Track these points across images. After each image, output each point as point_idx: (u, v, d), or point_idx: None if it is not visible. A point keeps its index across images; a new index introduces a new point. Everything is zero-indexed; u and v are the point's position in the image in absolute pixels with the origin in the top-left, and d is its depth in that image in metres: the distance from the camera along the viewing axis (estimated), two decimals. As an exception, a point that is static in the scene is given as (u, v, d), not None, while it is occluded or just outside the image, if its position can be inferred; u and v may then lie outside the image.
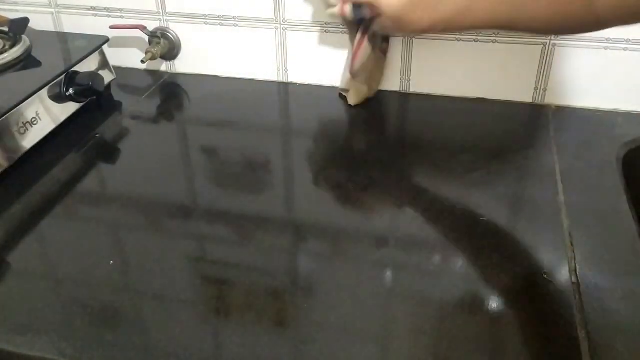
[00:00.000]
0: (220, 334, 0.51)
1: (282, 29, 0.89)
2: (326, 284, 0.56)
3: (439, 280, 0.56)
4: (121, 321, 0.52)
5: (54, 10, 0.97)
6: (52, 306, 0.54)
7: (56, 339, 0.50)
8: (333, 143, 0.79)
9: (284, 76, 0.93)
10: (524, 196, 0.67)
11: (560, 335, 0.50)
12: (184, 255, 0.59)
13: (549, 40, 0.81)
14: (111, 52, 0.92)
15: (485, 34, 0.82)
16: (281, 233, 0.62)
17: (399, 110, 0.88)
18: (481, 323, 0.51)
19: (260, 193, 0.69)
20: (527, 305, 0.53)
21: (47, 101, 0.77)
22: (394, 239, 0.61)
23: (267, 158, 0.75)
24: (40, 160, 0.74)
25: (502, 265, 0.57)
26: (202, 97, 0.92)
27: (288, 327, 0.51)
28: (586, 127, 0.80)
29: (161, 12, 0.92)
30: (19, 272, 0.58)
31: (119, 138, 0.80)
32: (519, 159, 0.74)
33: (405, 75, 0.88)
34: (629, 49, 0.79)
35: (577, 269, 0.57)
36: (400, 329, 0.51)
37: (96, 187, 0.71)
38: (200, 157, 0.76)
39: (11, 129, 0.71)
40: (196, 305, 0.54)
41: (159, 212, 0.65)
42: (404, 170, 0.73)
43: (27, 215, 0.65)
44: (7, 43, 0.82)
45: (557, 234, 0.61)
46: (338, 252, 0.60)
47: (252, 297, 0.54)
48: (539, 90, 0.85)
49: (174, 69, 0.97)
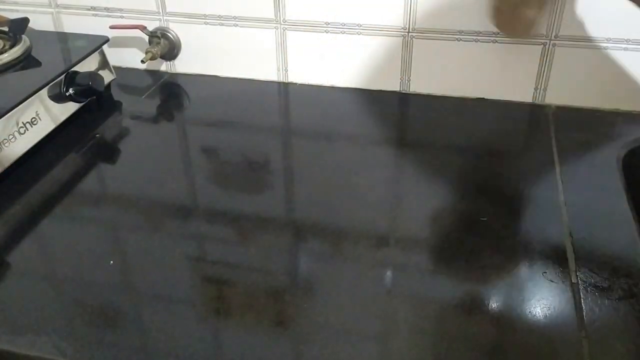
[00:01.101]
0: (220, 334, 0.51)
1: (282, 29, 0.89)
2: (326, 284, 0.56)
3: (439, 280, 0.56)
4: (121, 321, 0.52)
5: (54, 10, 0.96)
6: (52, 306, 0.54)
7: (56, 339, 0.50)
8: (334, 143, 0.79)
9: (284, 76, 0.93)
10: (524, 196, 0.67)
11: (560, 335, 0.50)
12: (184, 255, 0.59)
13: (549, 40, 0.81)
14: (111, 52, 0.92)
15: (485, 34, 0.82)
16: (281, 233, 0.62)
17: (399, 110, 0.88)
18: (481, 323, 0.51)
19: (260, 193, 0.69)
20: (527, 305, 0.53)
21: (47, 101, 0.77)
22: (394, 239, 0.61)
23: (267, 158, 0.75)
24: (40, 160, 0.74)
25: (502, 265, 0.57)
26: (202, 97, 0.92)
27: (288, 327, 0.51)
28: (586, 127, 0.80)
29: (161, 12, 0.92)
30: (19, 272, 0.58)
31: (119, 138, 0.80)
32: (519, 159, 0.74)
33: (405, 75, 0.88)
34: (629, 49, 0.79)
35: (577, 269, 0.57)
36: (400, 329, 0.51)
37: (96, 187, 0.71)
38: (200, 157, 0.76)
39: (11, 129, 0.71)
40: (196, 305, 0.54)
41: (159, 212, 0.65)
42: (403, 170, 0.73)
43: (27, 215, 0.65)
44: (7, 43, 0.82)
45: (557, 234, 0.61)
46: (338, 252, 0.60)
47: (252, 297, 0.54)
48: (539, 90, 0.85)
49: (174, 69, 0.97)
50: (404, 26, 0.85)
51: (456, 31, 0.83)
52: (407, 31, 0.85)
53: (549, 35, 0.80)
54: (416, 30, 0.85)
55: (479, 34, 0.83)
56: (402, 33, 0.85)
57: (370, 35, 0.87)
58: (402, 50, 0.86)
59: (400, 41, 0.86)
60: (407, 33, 0.85)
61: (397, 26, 0.85)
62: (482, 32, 0.82)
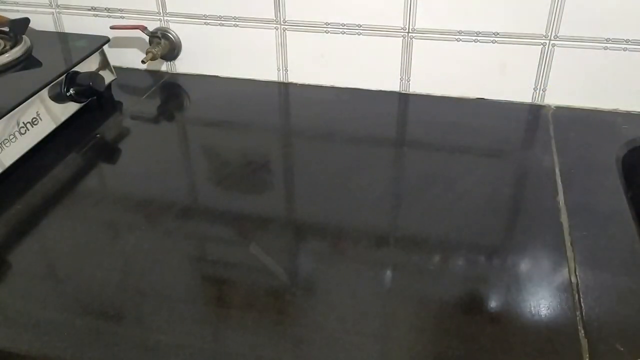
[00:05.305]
0: (221, 334, 0.51)
1: (282, 29, 0.89)
2: (326, 284, 0.56)
3: (439, 280, 0.56)
4: (121, 321, 0.52)
5: (55, 10, 0.97)
6: (52, 306, 0.54)
7: (56, 339, 0.50)
8: (334, 143, 0.79)
9: (284, 76, 0.93)
10: (524, 196, 0.67)
11: (560, 335, 0.50)
12: (184, 255, 0.60)
13: (548, 40, 0.81)
14: (112, 53, 0.92)
15: (485, 34, 0.82)
16: (281, 233, 0.62)
17: (399, 110, 0.88)
18: (481, 323, 0.51)
19: (260, 193, 0.69)
20: (527, 305, 0.53)
21: (48, 101, 0.77)
22: (394, 239, 0.61)
23: (267, 158, 0.75)
24: (40, 160, 0.74)
25: (502, 265, 0.57)
26: (202, 97, 0.92)
27: (288, 327, 0.51)
28: (586, 127, 0.80)
29: (161, 12, 0.92)
30: (19, 272, 0.58)
31: (120, 138, 0.80)
32: (518, 159, 0.74)
33: (405, 75, 0.89)
34: (629, 49, 0.79)
35: (577, 269, 0.57)
36: (400, 328, 0.51)
37: (96, 187, 0.71)
38: (200, 157, 0.76)
39: (12, 129, 0.71)
40: (196, 305, 0.54)
41: (159, 212, 0.65)
42: (404, 170, 0.73)
43: (28, 215, 0.65)
44: (7, 43, 0.82)
45: (557, 234, 0.61)
46: (338, 252, 0.60)
47: (252, 297, 0.54)
48: (538, 90, 0.85)
49: (175, 69, 0.97)
50: (403, 26, 0.85)
51: (456, 31, 0.83)
52: (407, 31, 0.85)
53: (549, 35, 0.81)
54: (416, 30, 0.85)
55: (479, 34, 0.83)
56: (402, 33, 0.85)
57: (370, 35, 0.87)
58: (402, 50, 0.86)
59: (400, 41, 0.86)
60: (407, 33, 0.85)
61: (397, 26, 0.85)
62: (482, 32, 0.82)
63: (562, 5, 0.78)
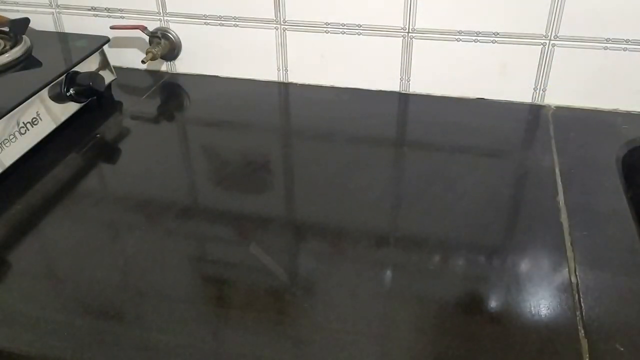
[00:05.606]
0: (220, 334, 0.51)
1: (282, 29, 0.89)
2: (326, 284, 0.56)
3: (439, 280, 0.56)
4: (121, 321, 0.52)
5: (55, 10, 0.97)
6: (52, 306, 0.54)
7: (56, 339, 0.50)
8: (334, 143, 0.79)
9: (284, 76, 0.93)
10: (524, 196, 0.67)
11: (560, 335, 0.50)
12: (184, 255, 0.60)
13: (548, 40, 0.81)
14: (112, 53, 0.92)
15: (485, 34, 0.82)
16: (281, 233, 0.62)
17: (399, 110, 0.88)
18: (481, 323, 0.51)
19: (260, 193, 0.69)
20: (527, 305, 0.53)
21: (48, 101, 0.77)
22: (394, 239, 0.61)
23: (267, 158, 0.75)
24: (40, 160, 0.74)
25: (502, 265, 0.57)
26: (202, 98, 0.92)
27: (288, 327, 0.51)
28: (586, 127, 0.80)
29: (161, 12, 0.92)
30: (19, 272, 0.58)
31: (120, 138, 0.80)
32: (519, 159, 0.74)
33: (405, 75, 0.89)
34: (629, 49, 0.79)
35: (577, 269, 0.57)
36: (400, 328, 0.51)
37: (96, 187, 0.71)
38: (200, 157, 0.76)
39: (12, 129, 0.71)
40: (196, 305, 0.54)
41: (159, 212, 0.65)
42: (404, 170, 0.73)
43: (27, 215, 0.65)
44: (7, 43, 0.82)
45: (557, 234, 0.61)
46: (338, 252, 0.60)
47: (252, 297, 0.54)
48: (538, 90, 0.85)
49: (175, 69, 0.97)
50: (403, 26, 0.85)
51: (456, 31, 0.83)
52: (407, 31, 0.85)
53: (549, 35, 0.81)
54: (416, 30, 0.85)
55: (479, 34, 0.83)
56: (402, 33, 0.85)
57: (370, 35, 0.87)
58: (402, 50, 0.86)
59: (400, 41, 0.86)
60: (407, 33, 0.85)
61: (397, 26, 0.85)
62: (482, 32, 0.82)
63: (562, 5, 0.78)
